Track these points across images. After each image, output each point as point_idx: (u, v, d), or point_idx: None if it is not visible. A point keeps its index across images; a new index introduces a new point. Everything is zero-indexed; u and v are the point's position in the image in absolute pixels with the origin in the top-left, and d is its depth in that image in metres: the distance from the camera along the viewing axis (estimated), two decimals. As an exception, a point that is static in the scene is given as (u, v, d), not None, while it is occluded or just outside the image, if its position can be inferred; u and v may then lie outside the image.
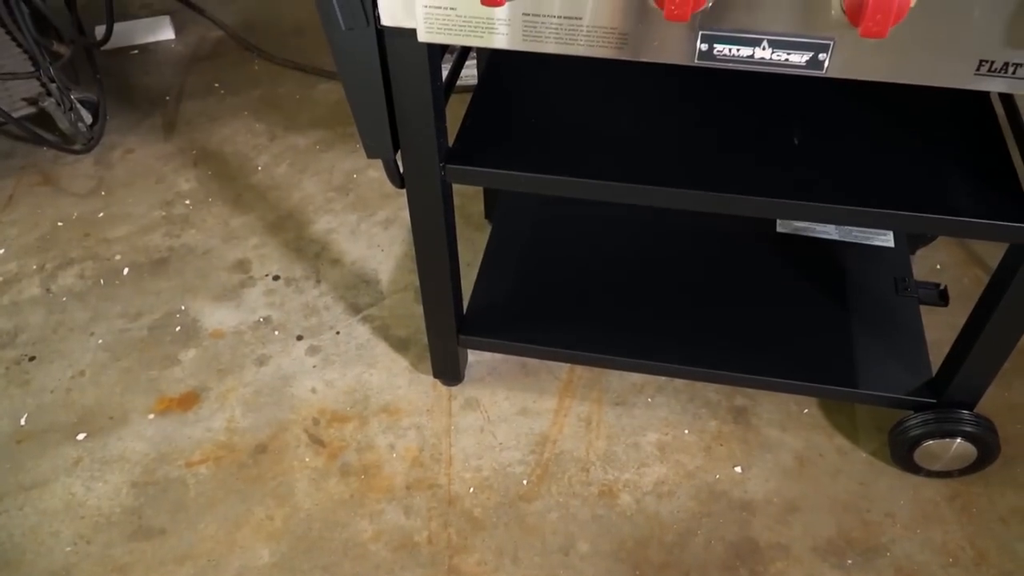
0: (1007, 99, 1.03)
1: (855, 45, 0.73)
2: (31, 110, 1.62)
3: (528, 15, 0.77)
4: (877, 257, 1.31)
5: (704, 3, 0.70)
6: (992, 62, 0.73)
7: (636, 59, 0.79)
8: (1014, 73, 0.73)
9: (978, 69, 0.74)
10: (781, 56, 0.75)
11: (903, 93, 0.83)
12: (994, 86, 0.75)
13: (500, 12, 0.77)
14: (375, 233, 1.55)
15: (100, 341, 1.38)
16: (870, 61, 0.75)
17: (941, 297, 1.27)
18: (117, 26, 1.79)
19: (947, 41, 0.72)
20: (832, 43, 0.74)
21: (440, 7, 0.78)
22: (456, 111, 1.01)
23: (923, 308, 1.25)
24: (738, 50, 0.76)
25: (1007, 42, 0.71)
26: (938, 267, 1.46)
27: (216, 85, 1.88)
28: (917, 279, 1.29)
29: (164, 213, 1.59)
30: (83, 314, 1.42)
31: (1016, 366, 1.27)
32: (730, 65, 0.77)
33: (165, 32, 2.01)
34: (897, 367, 1.17)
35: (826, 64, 0.75)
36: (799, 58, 0.75)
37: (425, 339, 1.28)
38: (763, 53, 0.75)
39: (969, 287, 1.41)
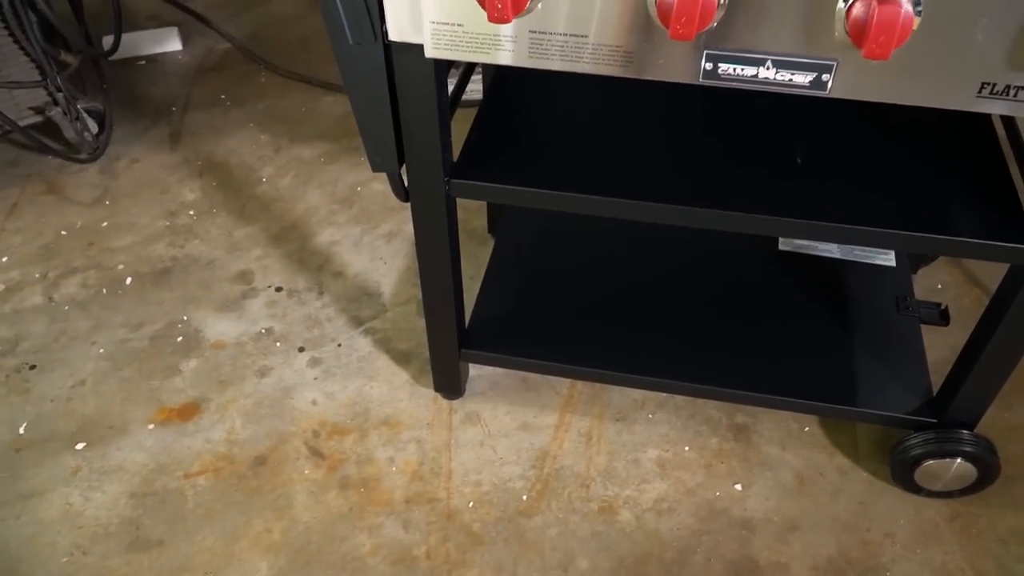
0: (1008, 120, 1.03)
1: (858, 67, 0.74)
2: (37, 119, 1.63)
3: (534, 32, 0.78)
4: (878, 276, 1.32)
5: (709, 23, 0.71)
6: (994, 84, 0.73)
7: (641, 77, 0.79)
8: (1015, 96, 0.74)
9: (980, 92, 0.74)
10: (785, 76, 0.76)
11: (905, 113, 0.84)
12: (996, 108, 0.75)
13: (506, 29, 0.78)
14: (378, 246, 1.55)
15: (101, 350, 1.38)
16: (873, 82, 0.75)
17: (942, 317, 1.27)
18: (125, 37, 1.80)
19: (949, 64, 0.73)
20: (835, 64, 0.74)
21: (447, 23, 0.78)
22: (461, 126, 1.01)
23: (924, 327, 1.25)
24: (742, 70, 0.76)
25: (1009, 65, 0.72)
26: (939, 287, 1.46)
27: (222, 97, 1.89)
28: (918, 298, 1.29)
29: (168, 223, 1.59)
30: (85, 323, 1.42)
31: (1016, 387, 1.27)
32: (734, 84, 0.78)
33: (172, 43, 2.02)
34: (898, 386, 1.17)
35: (829, 85, 0.76)
36: (803, 78, 0.76)
37: (426, 352, 1.28)
38: (767, 73, 0.76)
39: (970, 307, 1.41)
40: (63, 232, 1.58)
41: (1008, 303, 0.96)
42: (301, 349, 1.38)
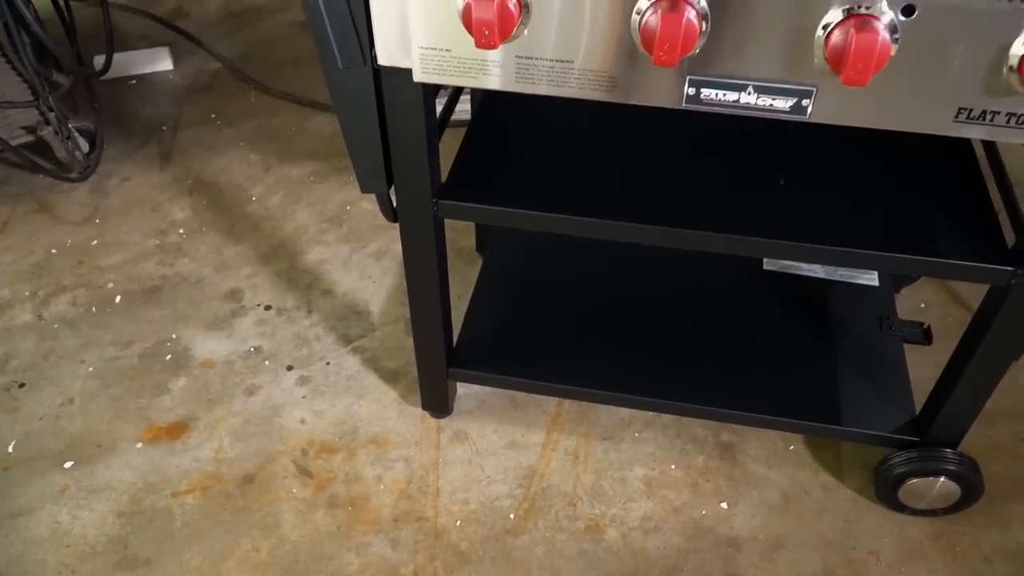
0: (988, 143, 1.05)
1: (837, 92, 0.76)
2: (29, 138, 1.63)
3: (521, 58, 0.79)
4: (862, 296, 1.33)
5: (691, 50, 0.72)
6: (970, 110, 0.75)
7: (626, 102, 0.81)
8: (992, 121, 0.75)
9: (956, 117, 0.76)
10: (766, 101, 0.77)
11: (886, 136, 0.85)
12: (972, 133, 0.77)
13: (494, 54, 0.79)
14: (367, 264, 1.56)
15: (90, 369, 1.38)
16: (852, 108, 0.77)
17: (925, 336, 1.29)
18: (116, 56, 1.81)
19: (926, 89, 0.74)
20: (815, 90, 0.76)
21: (435, 48, 0.80)
22: (450, 146, 1.02)
23: (907, 346, 1.27)
24: (724, 95, 0.78)
25: (985, 91, 0.73)
26: (922, 306, 1.47)
27: (213, 116, 1.90)
28: (901, 318, 1.30)
29: (158, 242, 1.60)
30: (74, 341, 1.42)
31: (999, 405, 1.28)
32: (717, 109, 0.79)
33: (163, 63, 2.03)
34: (881, 405, 1.18)
35: (809, 110, 0.77)
36: (783, 104, 0.77)
37: (415, 371, 1.29)
38: (748, 98, 0.78)
39: (952, 326, 1.43)
40: (53, 250, 1.58)
41: (989, 322, 0.97)
42: (290, 368, 1.39)
